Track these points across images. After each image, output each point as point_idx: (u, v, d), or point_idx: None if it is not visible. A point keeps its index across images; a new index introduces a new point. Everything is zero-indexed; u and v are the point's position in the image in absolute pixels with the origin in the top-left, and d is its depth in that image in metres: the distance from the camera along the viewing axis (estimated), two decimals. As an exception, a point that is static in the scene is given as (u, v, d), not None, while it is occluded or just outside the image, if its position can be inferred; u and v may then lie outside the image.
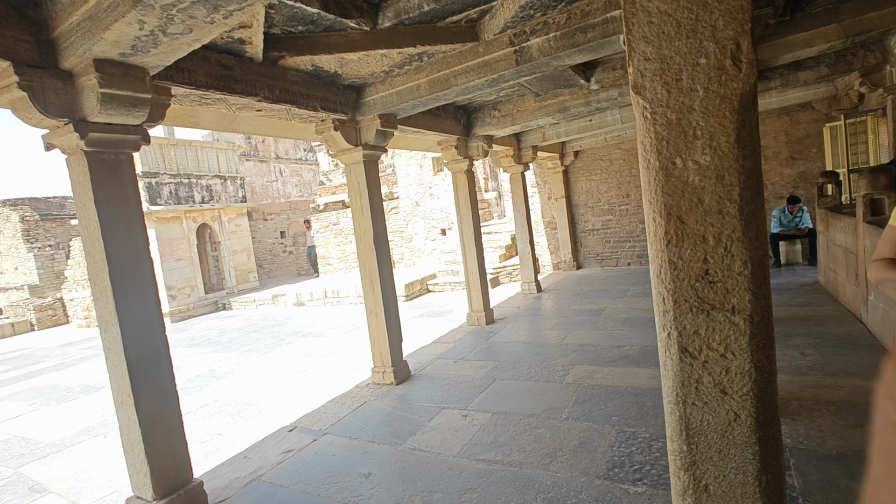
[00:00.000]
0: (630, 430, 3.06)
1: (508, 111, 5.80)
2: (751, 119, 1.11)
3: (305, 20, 3.01)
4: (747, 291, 1.15)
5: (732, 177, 1.12)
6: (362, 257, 4.52)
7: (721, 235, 1.14)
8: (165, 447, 2.66)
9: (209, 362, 6.55)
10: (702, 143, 1.13)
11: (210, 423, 4.21)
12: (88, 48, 2.17)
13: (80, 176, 2.51)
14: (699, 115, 1.13)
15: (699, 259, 1.17)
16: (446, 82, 3.79)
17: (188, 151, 12.15)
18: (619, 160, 9.37)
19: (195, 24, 2.11)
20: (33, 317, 12.68)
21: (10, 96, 2.27)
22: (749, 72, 1.08)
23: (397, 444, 3.30)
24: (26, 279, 14.51)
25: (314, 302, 10.42)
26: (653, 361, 4.18)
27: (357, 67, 3.73)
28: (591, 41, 3.15)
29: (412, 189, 12.08)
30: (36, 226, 14.90)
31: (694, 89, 1.12)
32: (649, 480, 2.51)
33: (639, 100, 1.19)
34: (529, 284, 8.14)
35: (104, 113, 2.38)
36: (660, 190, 1.18)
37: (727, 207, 1.13)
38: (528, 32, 3.34)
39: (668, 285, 1.21)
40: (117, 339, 2.54)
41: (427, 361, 5.11)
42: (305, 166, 20.72)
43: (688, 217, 1.17)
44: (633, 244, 9.51)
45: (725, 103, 1.10)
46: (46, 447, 4.18)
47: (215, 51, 3.01)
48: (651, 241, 1.23)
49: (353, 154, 4.36)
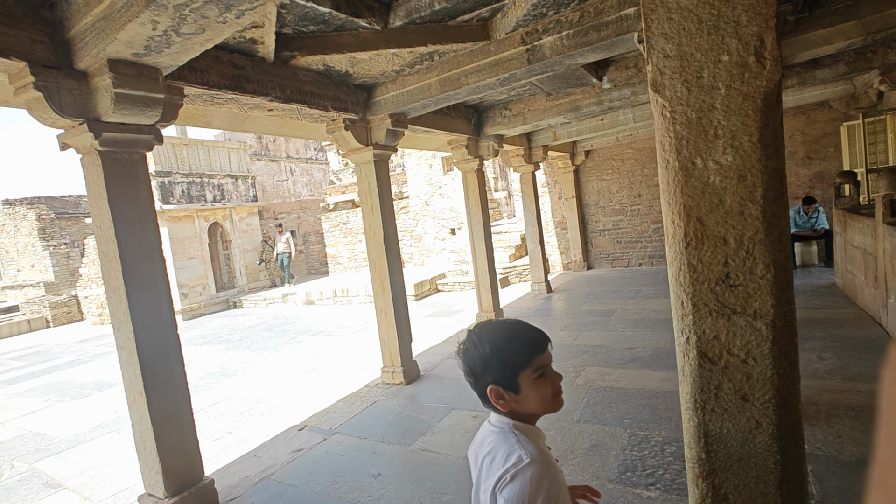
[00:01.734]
0: (643, 434, 3.01)
1: (519, 110, 5.76)
2: (775, 118, 1.07)
3: (317, 20, 3.00)
4: (770, 295, 1.12)
5: (755, 177, 1.08)
6: (372, 257, 4.52)
7: (743, 237, 1.11)
8: (177, 445, 2.67)
9: (220, 360, 6.60)
10: (723, 142, 1.10)
11: (221, 421, 4.24)
12: (103, 48, 2.19)
13: (94, 175, 2.53)
14: (721, 113, 1.09)
15: (720, 262, 1.14)
16: (457, 81, 3.77)
17: (200, 151, 12.26)
18: (630, 160, 9.27)
19: (207, 24, 2.11)
20: (49, 314, 12.88)
21: (26, 96, 2.30)
22: (773, 69, 1.05)
23: (407, 445, 3.29)
24: (42, 276, 14.75)
25: (324, 301, 10.46)
26: (665, 364, 4.12)
27: (368, 67, 3.72)
28: (604, 39, 3.11)
29: (422, 188, 12.08)
30: (52, 224, 15.14)
31: (715, 87, 1.09)
32: (663, 485, 2.47)
33: (658, 98, 1.16)
34: (539, 284, 8.09)
35: (118, 113, 2.40)
36: (679, 191, 1.15)
37: (749, 209, 1.10)
38: (540, 31, 3.30)
39: (688, 288, 1.18)
40: (130, 337, 2.55)
41: (437, 361, 5.09)
42: (316, 166, 20.82)
43: (708, 218, 1.13)
44: (644, 244, 9.41)
45: (748, 101, 1.07)
46: (61, 443, 4.23)
47: (227, 51, 3.02)
48: (669, 243, 1.20)
49: (364, 153, 4.35)
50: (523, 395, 0.96)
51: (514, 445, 0.92)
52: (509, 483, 0.87)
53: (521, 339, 0.97)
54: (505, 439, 0.94)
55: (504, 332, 0.99)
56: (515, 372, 0.95)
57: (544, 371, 0.96)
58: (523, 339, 0.97)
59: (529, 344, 0.96)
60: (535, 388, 0.96)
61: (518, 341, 0.97)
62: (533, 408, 0.97)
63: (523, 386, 0.95)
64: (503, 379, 0.96)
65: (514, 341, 0.97)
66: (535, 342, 0.97)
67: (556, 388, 0.98)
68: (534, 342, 0.97)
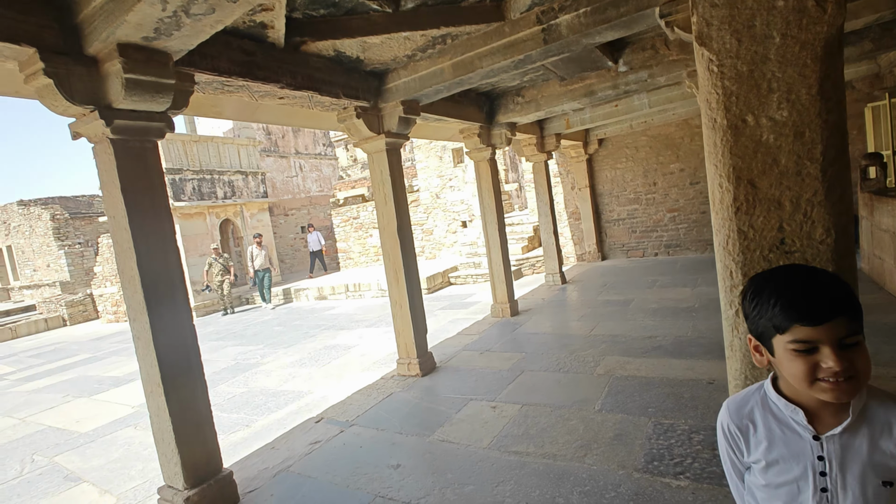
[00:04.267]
0: (668, 423, 2.93)
1: (532, 97, 5.65)
2: (836, 67, 0.98)
3: (327, 3, 2.94)
4: (830, 262, 1.03)
5: (814, 133, 0.99)
6: (386, 247, 4.46)
7: (800, 200, 1.02)
8: (195, 437, 2.64)
9: (234, 355, 6.61)
10: (778, 96, 1.01)
11: (237, 415, 4.22)
12: (112, 32, 2.14)
13: (106, 164, 2.49)
14: (775, 65, 1.01)
15: (773, 227, 1.06)
16: (470, 65, 3.68)
17: (210, 147, 12.30)
18: (645, 147, 9.10)
19: (218, 3, 2.05)
20: (65, 312, 13.06)
21: (36, 83, 2.26)
22: (836, 12, 0.96)
23: (425, 436, 3.23)
24: (58, 276, 14.96)
25: (336, 296, 10.46)
26: (688, 352, 4.02)
27: (380, 52, 3.64)
28: (623, 16, 3.01)
29: (432, 181, 12.00)
30: (66, 224, 15.33)
31: (769, 36, 1.00)
32: (692, 474, 2.38)
33: (704, 52, 1.07)
34: (554, 276, 7.99)
35: (129, 99, 2.35)
36: (728, 152, 1.07)
37: (807, 168, 1.01)
38: (556, 9, 3.20)
39: (737, 257, 1.10)
40: (146, 328, 2.52)
41: (452, 353, 5.03)
42: (325, 161, 20.83)
43: (760, 181, 1.05)
44: (660, 234, 9.26)
45: (807, 50, 0.98)
46: (80, 437, 4.25)
47: (237, 36, 2.97)
48: (716, 208, 1.12)
49: (376, 142, 4.29)
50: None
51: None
52: None
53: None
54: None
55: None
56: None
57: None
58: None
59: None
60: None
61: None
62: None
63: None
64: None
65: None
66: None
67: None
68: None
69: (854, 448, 0.81)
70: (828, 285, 0.79)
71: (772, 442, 0.87)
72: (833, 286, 0.79)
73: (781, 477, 0.87)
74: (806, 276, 0.82)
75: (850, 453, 0.81)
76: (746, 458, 0.93)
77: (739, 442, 0.93)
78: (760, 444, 0.89)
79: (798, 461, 0.85)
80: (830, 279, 0.81)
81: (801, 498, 0.85)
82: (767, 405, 0.90)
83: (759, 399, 0.92)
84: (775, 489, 0.88)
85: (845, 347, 0.76)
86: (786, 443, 0.86)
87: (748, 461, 0.93)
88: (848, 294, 0.78)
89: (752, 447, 0.90)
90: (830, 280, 0.80)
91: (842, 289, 0.79)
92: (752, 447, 0.91)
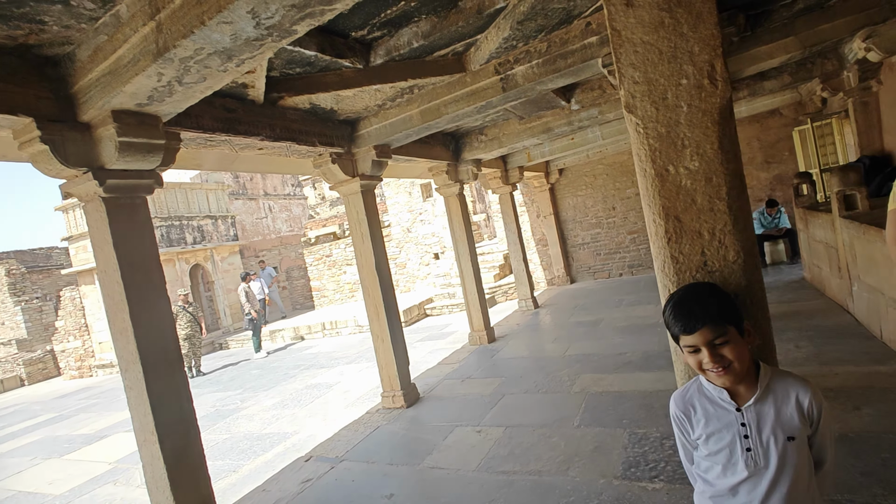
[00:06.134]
0: (641, 432, 3.15)
1: (495, 135, 6.04)
2: (730, 128, 1.28)
3: (303, 62, 3.19)
4: (742, 278, 1.30)
5: (719, 178, 1.28)
6: (365, 284, 4.62)
7: (715, 230, 1.30)
8: (190, 483, 2.68)
9: (213, 402, 6.50)
10: (690, 150, 1.29)
11: (223, 461, 4.20)
12: (108, 101, 2.31)
13: (98, 221, 2.61)
14: (685, 127, 1.29)
15: (697, 252, 1.32)
16: (437, 111, 3.99)
17: (178, 194, 12.23)
18: (602, 175, 9.67)
19: (209, 73, 2.26)
20: (23, 371, 12.41)
21: (31, 150, 2.39)
22: (724, 88, 1.25)
23: (415, 465, 3.34)
24: (14, 334, 14.23)
25: (312, 335, 10.40)
26: (656, 365, 4.29)
27: (352, 103, 3.91)
28: (571, 66, 3.38)
29: (403, 216, 12.26)
30: (23, 279, 14.71)
31: (678, 106, 1.29)
32: (666, 476, 2.60)
33: (631, 118, 1.35)
34: (526, 301, 8.26)
35: (122, 160, 2.50)
36: (657, 194, 1.33)
37: (718, 205, 1.29)
38: (512, 61, 3.56)
39: (672, 277, 1.35)
40: (139, 377, 2.59)
41: (434, 383, 5.16)
42: (294, 201, 20.87)
43: (684, 216, 1.32)
44: (622, 255, 9.73)
45: (707, 116, 1.27)
46: (55, 500, 4.11)
47: (220, 95, 3.17)
48: (653, 239, 1.38)
49: (351, 185, 4.51)
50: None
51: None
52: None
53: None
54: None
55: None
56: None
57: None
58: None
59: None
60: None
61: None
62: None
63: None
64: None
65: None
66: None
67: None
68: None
69: (765, 414, 1.09)
70: (696, 303, 1.08)
71: (708, 418, 1.14)
72: (700, 303, 1.08)
73: (718, 444, 1.13)
74: (685, 296, 1.11)
75: (763, 418, 1.09)
76: (692, 437, 1.19)
77: (685, 423, 1.19)
78: (700, 421, 1.16)
79: (728, 430, 1.11)
80: (699, 297, 1.10)
81: (733, 459, 1.11)
82: (702, 391, 1.17)
83: (696, 388, 1.18)
84: (715, 455, 1.14)
85: (716, 346, 1.05)
86: (718, 417, 1.13)
87: (693, 439, 1.19)
88: (709, 308, 1.07)
89: (695, 425, 1.17)
90: (699, 298, 1.10)
91: (706, 304, 1.07)
92: (694, 425, 1.17)
